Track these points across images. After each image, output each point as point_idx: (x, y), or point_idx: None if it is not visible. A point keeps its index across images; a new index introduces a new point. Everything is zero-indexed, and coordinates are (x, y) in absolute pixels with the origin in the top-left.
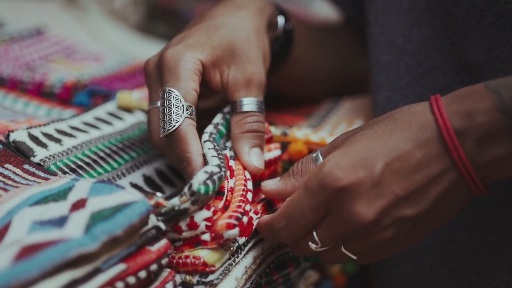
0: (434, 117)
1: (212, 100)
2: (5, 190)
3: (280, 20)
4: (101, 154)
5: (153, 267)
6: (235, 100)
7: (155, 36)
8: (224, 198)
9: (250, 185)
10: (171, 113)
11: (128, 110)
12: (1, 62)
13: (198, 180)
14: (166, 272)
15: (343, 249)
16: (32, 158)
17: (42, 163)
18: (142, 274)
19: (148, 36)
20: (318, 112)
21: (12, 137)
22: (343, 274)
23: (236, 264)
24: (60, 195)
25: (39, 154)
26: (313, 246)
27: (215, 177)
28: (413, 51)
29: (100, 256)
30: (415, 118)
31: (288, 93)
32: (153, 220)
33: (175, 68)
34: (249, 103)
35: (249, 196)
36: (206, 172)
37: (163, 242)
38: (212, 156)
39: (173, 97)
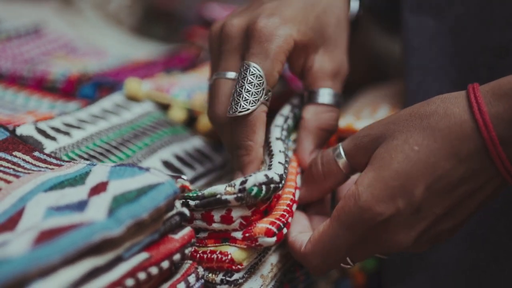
0: (476, 125)
1: None
2: (17, 176)
3: (354, 4)
4: (113, 143)
5: (176, 256)
6: (317, 89)
7: (152, 38)
8: (269, 202)
9: (297, 194)
10: (249, 94)
11: (135, 99)
12: None
13: (255, 180)
14: (188, 264)
15: None
16: None
17: (53, 155)
18: (165, 264)
19: (145, 38)
20: None
21: (19, 131)
22: (362, 272)
23: (263, 262)
24: (77, 179)
25: (49, 146)
26: (346, 266)
27: (272, 185)
28: (445, 31)
29: (123, 243)
30: (454, 126)
31: None
32: (177, 206)
33: (268, 43)
34: (331, 95)
35: (294, 207)
36: (266, 176)
37: (187, 230)
38: (279, 162)
39: (256, 76)
